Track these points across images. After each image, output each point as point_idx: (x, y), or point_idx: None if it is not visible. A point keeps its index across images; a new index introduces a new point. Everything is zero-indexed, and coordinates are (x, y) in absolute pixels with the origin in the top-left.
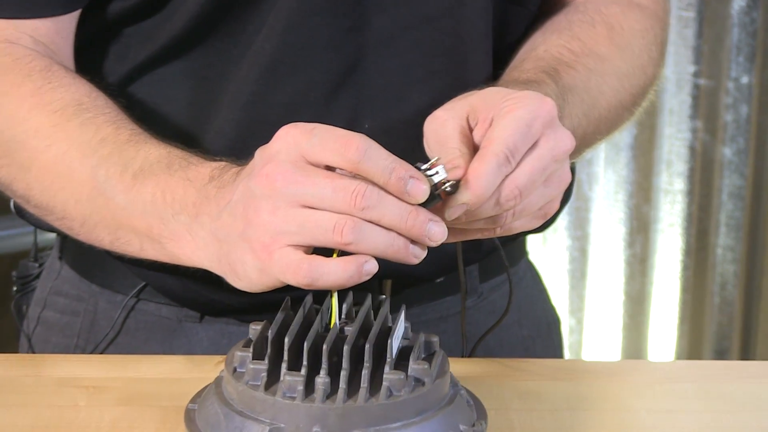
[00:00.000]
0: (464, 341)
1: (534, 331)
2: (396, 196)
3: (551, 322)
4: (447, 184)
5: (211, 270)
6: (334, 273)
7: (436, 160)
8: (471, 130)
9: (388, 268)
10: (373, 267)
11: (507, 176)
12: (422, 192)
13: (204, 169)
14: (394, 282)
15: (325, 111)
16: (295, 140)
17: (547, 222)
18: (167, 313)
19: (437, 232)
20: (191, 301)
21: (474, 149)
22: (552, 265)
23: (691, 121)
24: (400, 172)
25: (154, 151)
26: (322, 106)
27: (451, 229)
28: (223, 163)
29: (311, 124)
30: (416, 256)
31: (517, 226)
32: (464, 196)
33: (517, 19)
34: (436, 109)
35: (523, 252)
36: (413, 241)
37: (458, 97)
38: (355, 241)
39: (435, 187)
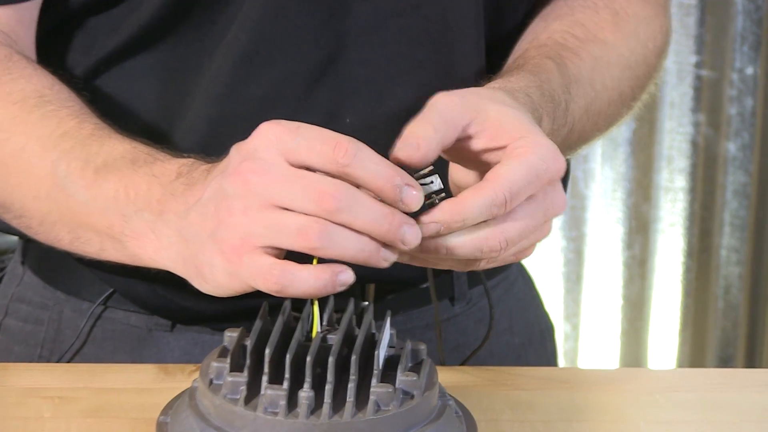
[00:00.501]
0: (442, 356)
1: (526, 339)
2: (390, 204)
3: (544, 329)
4: (439, 196)
5: (174, 272)
6: (305, 281)
7: (431, 170)
8: (465, 130)
9: (370, 272)
10: (348, 278)
11: (497, 225)
12: (418, 201)
13: (171, 165)
14: (377, 287)
15: (304, 105)
16: (278, 138)
17: None
18: (136, 321)
19: (411, 236)
20: (162, 309)
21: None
22: (546, 268)
23: (693, 114)
24: (396, 179)
25: (119, 146)
26: (301, 100)
27: (419, 259)
28: (191, 160)
29: (295, 123)
30: (386, 259)
31: (485, 267)
32: (440, 214)
33: (514, 5)
34: (421, 102)
35: None
36: (385, 244)
37: (480, 95)
38: (321, 247)
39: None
